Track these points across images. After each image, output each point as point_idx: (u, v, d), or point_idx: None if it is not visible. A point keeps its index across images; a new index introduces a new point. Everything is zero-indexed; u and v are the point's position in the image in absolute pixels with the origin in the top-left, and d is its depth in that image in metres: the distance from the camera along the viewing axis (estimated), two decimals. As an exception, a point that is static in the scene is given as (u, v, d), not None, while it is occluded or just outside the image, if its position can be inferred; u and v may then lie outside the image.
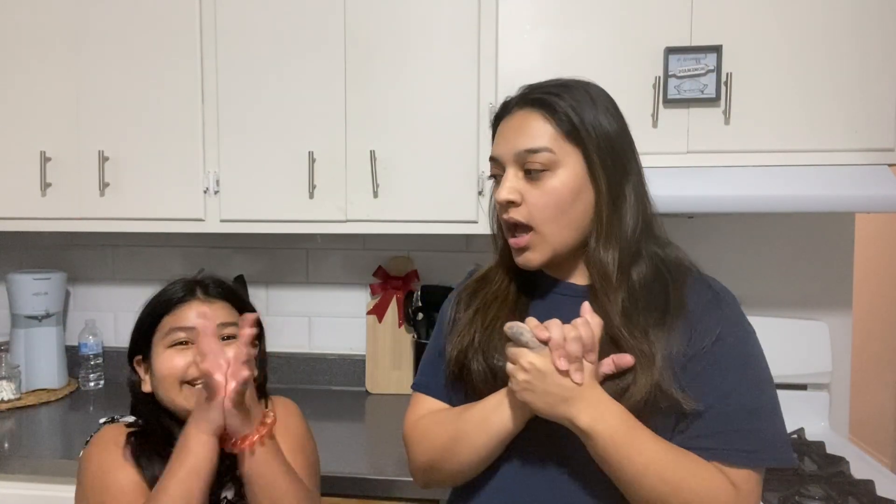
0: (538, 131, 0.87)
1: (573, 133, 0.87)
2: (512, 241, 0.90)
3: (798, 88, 1.49)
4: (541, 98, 0.89)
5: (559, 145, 0.86)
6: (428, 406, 0.99)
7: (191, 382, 0.96)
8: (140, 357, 1.03)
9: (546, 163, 0.86)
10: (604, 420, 0.80)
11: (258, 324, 1.06)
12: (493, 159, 0.91)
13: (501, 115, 0.93)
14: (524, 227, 0.88)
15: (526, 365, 0.81)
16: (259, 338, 1.06)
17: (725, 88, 1.49)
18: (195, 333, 0.95)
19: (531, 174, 0.87)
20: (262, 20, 1.68)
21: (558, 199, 0.87)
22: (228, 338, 0.99)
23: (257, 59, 1.68)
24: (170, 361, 0.96)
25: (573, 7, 1.55)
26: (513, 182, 0.88)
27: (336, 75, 1.66)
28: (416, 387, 1.03)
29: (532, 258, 0.89)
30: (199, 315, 0.94)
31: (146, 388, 1.01)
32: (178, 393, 0.96)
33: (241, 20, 1.68)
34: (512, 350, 0.83)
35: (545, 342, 0.81)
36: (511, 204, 0.87)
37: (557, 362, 0.80)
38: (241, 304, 1.06)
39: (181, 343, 0.97)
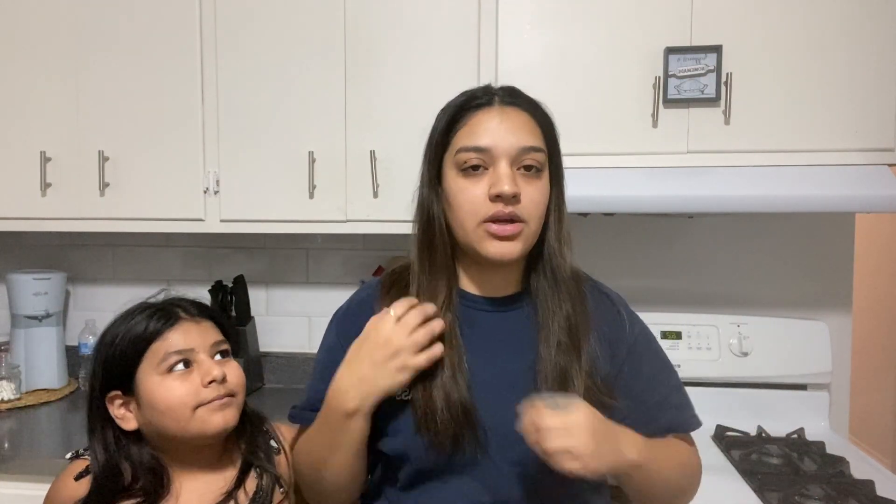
0: (535, 132, 0.89)
1: (550, 141, 0.92)
2: (501, 228, 0.85)
3: (798, 88, 1.49)
4: (529, 102, 0.92)
5: (544, 149, 0.90)
6: None
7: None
8: (118, 393, 0.93)
9: (542, 162, 0.89)
10: (637, 444, 0.84)
11: (234, 339, 1.02)
12: (476, 149, 0.86)
13: (475, 106, 0.89)
14: (515, 221, 0.86)
15: (562, 425, 0.75)
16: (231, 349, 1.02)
17: (725, 88, 1.49)
18: (192, 354, 0.93)
19: (529, 171, 0.88)
20: (262, 20, 1.68)
21: (545, 199, 0.90)
22: (222, 354, 0.97)
23: (257, 59, 1.68)
24: (179, 390, 0.90)
25: (573, 7, 1.55)
26: (512, 176, 0.86)
27: (336, 75, 1.66)
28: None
29: (515, 250, 0.87)
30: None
31: (131, 425, 0.93)
32: (192, 418, 0.90)
33: (241, 20, 1.68)
34: (540, 417, 0.76)
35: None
36: (515, 198, 0.85)
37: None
38: (222, 322, 1.02)
39: (177, 366, 0.92)
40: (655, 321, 1.76)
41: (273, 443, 1.04)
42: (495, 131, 0.87)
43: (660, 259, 1.86)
